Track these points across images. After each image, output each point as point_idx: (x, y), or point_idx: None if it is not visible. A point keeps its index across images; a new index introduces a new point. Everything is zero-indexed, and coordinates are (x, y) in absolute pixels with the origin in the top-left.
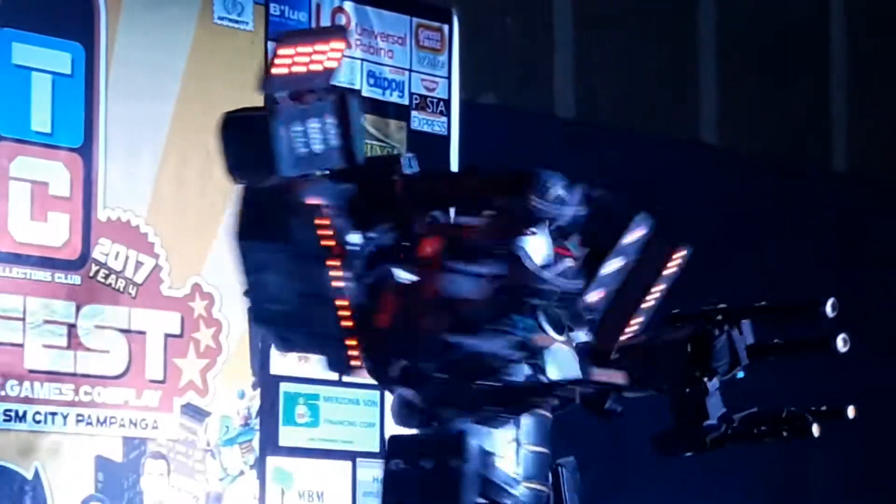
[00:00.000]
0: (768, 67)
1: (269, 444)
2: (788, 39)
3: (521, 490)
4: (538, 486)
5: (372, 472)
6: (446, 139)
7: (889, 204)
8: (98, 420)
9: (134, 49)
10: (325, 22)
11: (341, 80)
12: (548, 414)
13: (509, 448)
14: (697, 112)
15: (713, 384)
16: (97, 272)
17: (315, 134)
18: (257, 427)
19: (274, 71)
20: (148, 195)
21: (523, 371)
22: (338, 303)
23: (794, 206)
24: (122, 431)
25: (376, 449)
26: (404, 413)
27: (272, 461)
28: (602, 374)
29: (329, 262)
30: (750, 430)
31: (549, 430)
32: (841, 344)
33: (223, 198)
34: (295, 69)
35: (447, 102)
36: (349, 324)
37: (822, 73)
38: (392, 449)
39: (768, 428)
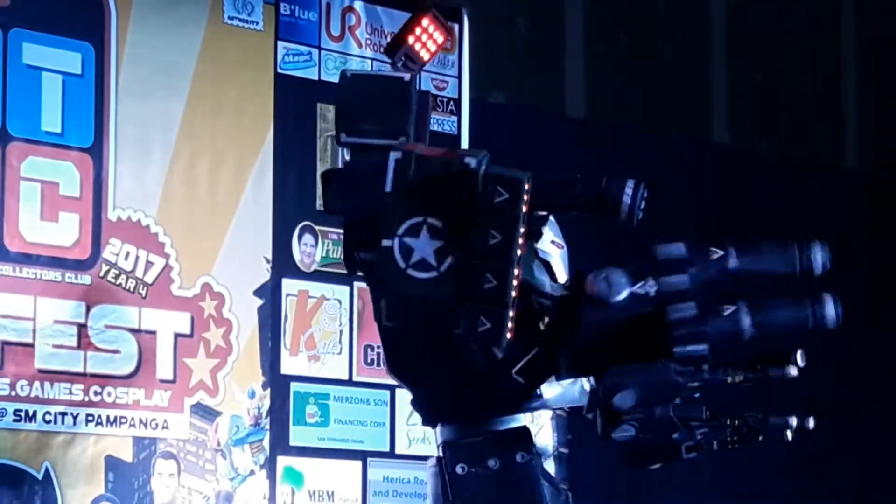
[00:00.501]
0: (779, 66)
1: (280, 444)
2: (799, 37)
3: (562, 489)
4: (567, 489)
5: (382, 472)
6: (456, 138)
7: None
8: (108, 420)
9: (144, 49)
10: (336, 23)
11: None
12: (564, 413)
13: (549, 449)
14: (709, 111)
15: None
16: (107, 272)
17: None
18: (268, 427)
19: (409, 39)
20: (158, 195)
21: None
22: (515, 271)
23: (807, 205)
24: (133, 431)
25: (386, 448)
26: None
27: (282, 461)
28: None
29: (520, 229)
30: (722, 423)
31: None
32: (798, 358)
33: (233, 197)
34: (416, 45)
35: (457, 101)
36: (515, 293)
37: (833, 72)
38: (452, 454)
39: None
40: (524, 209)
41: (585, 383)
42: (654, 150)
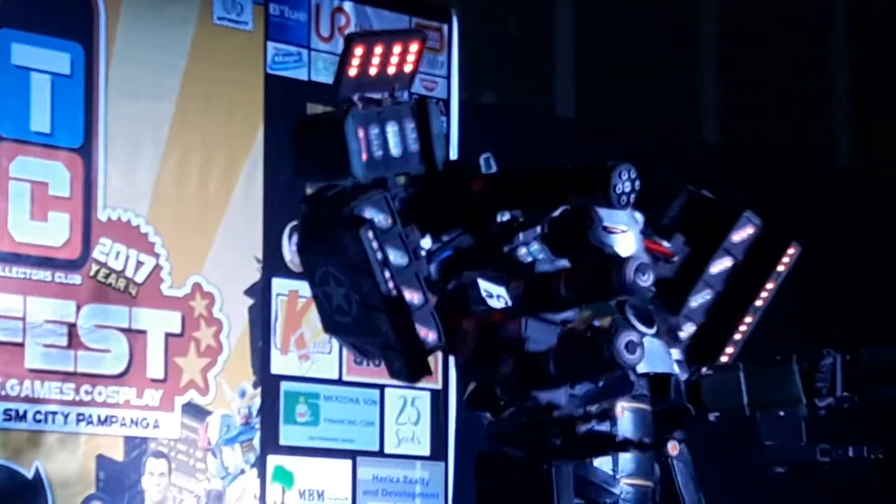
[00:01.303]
0: (770, 66)
1: (270, 443)
2: (790, 38)
3: (621, 487)
4: (641, 482)
5: (372, 471)
6: (446, 139)
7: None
8: (99, 419)
9: (133, 49)
10: (326, 23)
11: None
12: (646, 406)
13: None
14: (698, 111)
15: (803, 408)
16: (97, 272)
17: (393, 137)
18: (258, 426)
19: (349, 72)
20: (148, 195)
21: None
22: (397, 315)
23: (797, 204)
24: (123, 430)
25: (376, 448)
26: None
27: (273, 460)
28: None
29: (381, 274)
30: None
31: (651, 423)
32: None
33: (223, 197)
34: (370, 70)
35: (447, 102)
36: (409, 336)
37: (824, 73)
38: (480, 466)
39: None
40: (379, 255)
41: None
42: (644, 149)
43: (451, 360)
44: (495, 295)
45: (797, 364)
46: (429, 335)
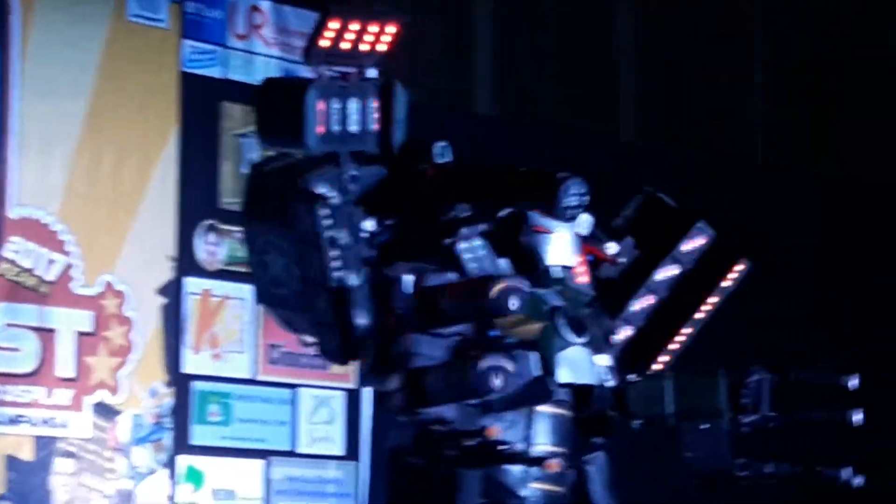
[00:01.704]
0: (687, 68)
1: (181, 443)
2: (709, 37)
3: (530, 491)
4: (550, 487)
5: (285, 471)
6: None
7: (811, 197)
8: (8, 419)
9: (47, 46)
10: (241, 20)
11: (257, 80)
12: (565, 412)
13: (518, 449)
14: (617, 109)
15: (727, 421)
16: (8, 270)
17: (354, 114)
18: (169, 425)
19: (320, 42)
20: (60, 193)
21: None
22: (338, 295)
23: (719, 202)
24: (33, 430)
25: (288, 447)
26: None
27: (184, 460)
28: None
29: (329, 252)
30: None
31: (569, 429)
32: (856, 418)
33: (136, 195)
34: (342, 45)
35: None
36: (346, 316)
37: (745, 70)
38: (392, 459)
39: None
40: (328, 232)
41: None
42: (563, 146)
43: None
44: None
45: (724, 377)
46: (363, 319)
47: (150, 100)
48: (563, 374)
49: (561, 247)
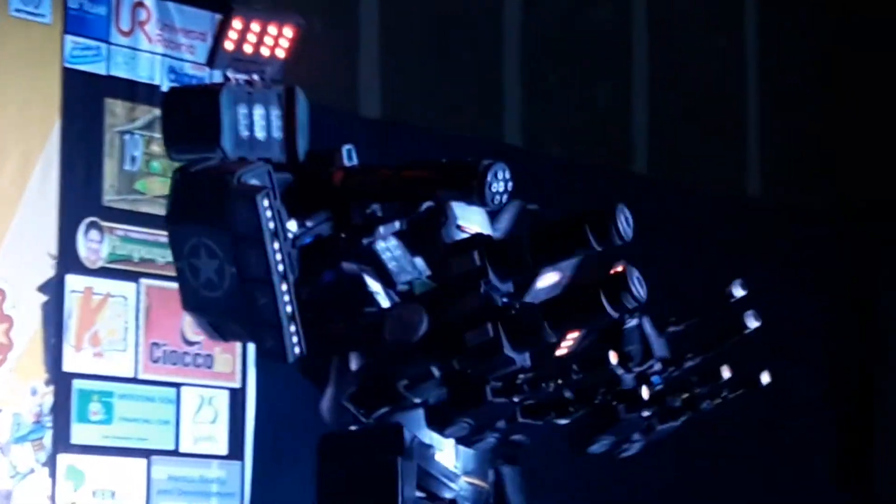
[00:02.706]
0: (572, 72)
1: (62, 442)
2: (592, 45)
3: (460, 484)
4: (478, 482)
5: (167, 470)
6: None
7: (692, 206)
8: None
9: None
10: (126, 17)
11: (141, 77)
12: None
13: (448, 442)
14: (502, 114)
15: (627, 379)
16: None
17: (259, 120)
18: (49, 424)
19: (225, 45)
20: None
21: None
22: (282, 288)
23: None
24: None
25: (171, 447)
26: (341, 415)
27: (64, 459)
28: None
29: (271, 245)
30: (669, 407)
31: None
32: (750, 320)
33: (17, 192)
34: (245, 47)
35: None
36: (290, 309)
37: (624, 79)
38: (324, 448)
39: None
40: (271, 224)
41: None
42: (448, 151)
43: (251, 358)
44: (381, 292)
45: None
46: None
47: (31, 95)
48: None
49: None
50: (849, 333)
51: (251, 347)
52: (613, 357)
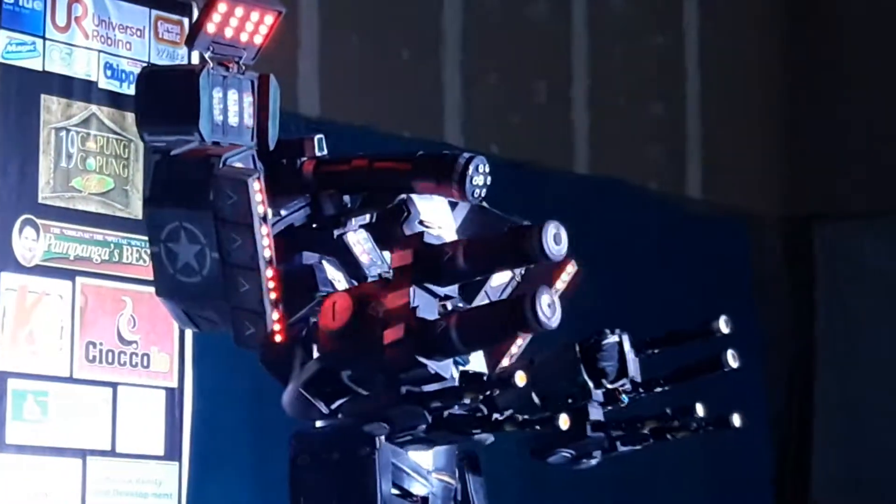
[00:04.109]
0: (511, 70)
1: None
2: (531, 43)
3: (431, 480)
4: (447, 479)
5: (103, 470)
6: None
7: (630, 205)
8: None
9: None
10: (62, 12)
11: (77, 73)
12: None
13: (422, 466)
14: (441, 112)
15: (597, 394)
16: None
17: (233, 106)
18: None
19: (208, 27)
20: None
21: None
22: (268, 273)
23: (537, 207)
24: None
25: (108, 447)
26: (303, 407)
27: None
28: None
29: (259, 231)
30: (637, 433)
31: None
32: (731, 359)
33: None
34: (226, 31)
35: None
36: (275, 295)
37: (564, 77)
38: (297, 445)
39: (657, 428)
40: (260, 208)
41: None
42: (387, 149)
43: (188, 358)
44: (337, 280)
45: (574, 348)
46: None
47: None
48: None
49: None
50: (788, 337)
51: (188, 347)
52: (521, 380)
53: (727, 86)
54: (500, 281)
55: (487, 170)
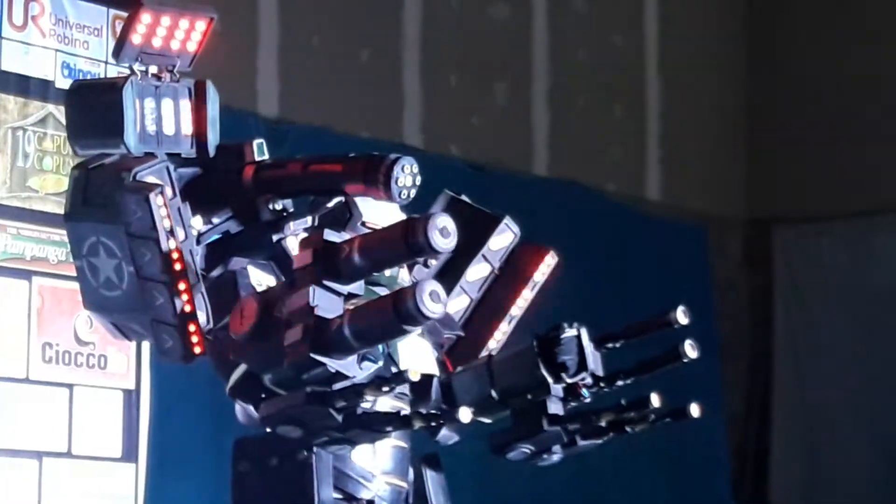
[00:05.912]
0: (471, 72)
1: None
2: (491, 45)
3: (378, 484)
4: (397, 482)
5: (59, 473)
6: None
7: (589, 207)
8: None
9: None
10: (18, 11)
11: (34, 72)
12: (405, 406)
13: (368, 471)
14: (401, 114)
15: (557, 389)
16: None
17: (168, 115)
18: None
19: (133, 39)
20: None
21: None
22: (179, 287)
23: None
24: None
25: (64, 449)
26: (242, 412)
27: None
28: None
29: (167, 244)
30: (594, 426)
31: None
32: (689, 349)
33: None
34: (154, 41)
35: None
36: (189, 308)
37: (524, 78)
38: (237, 452)
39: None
40: (166, 222)
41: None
42: (347, 150)
43: (145, 359)
44: (265, 284)
45: (535, 344)
46: (201, 315)
47: None
48: (404, 361)
49: None
50: (747, 340)
51: (145, 348)
52: (413, 375)
53: (687, 88)
54: (478, 276)
55: (416, 170)
